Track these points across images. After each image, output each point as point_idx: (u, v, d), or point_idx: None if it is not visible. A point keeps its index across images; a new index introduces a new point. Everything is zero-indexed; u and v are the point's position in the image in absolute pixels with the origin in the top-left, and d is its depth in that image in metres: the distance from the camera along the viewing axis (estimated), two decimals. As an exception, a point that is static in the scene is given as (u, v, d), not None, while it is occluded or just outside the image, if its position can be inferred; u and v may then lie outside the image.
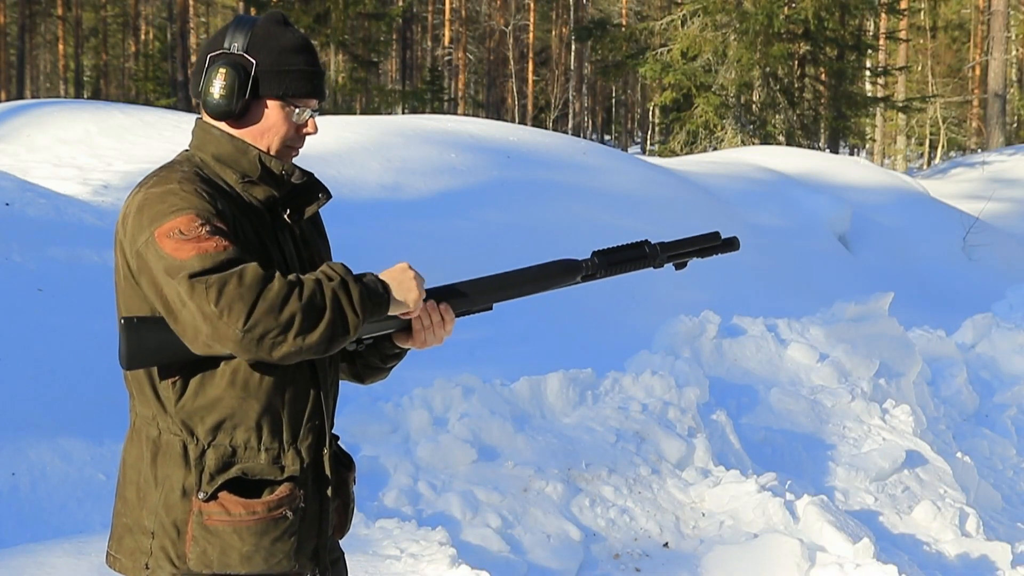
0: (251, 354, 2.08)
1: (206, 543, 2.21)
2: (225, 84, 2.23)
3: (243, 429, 2.23)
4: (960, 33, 39.41)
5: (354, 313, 2.14)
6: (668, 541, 5.06)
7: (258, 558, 2.23)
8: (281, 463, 2.26)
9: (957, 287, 12.34)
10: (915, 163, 37.31)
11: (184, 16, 35.35)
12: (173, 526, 2.22)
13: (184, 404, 2.21)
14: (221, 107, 2.25)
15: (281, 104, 2.29)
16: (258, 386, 2.22)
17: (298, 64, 2.29)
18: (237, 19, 2.33)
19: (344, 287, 2.14)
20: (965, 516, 5.60)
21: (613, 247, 2.50)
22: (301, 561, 2.29)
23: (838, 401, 6.36)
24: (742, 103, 20.98)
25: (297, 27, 2.35)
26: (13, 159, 9.54)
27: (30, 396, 5.04)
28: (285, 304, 2.07)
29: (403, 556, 4.27)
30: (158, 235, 2.10)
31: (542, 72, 44.64)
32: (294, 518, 2.25)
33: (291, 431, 2.27)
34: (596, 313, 8.62)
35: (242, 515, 2.21)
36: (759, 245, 11.03)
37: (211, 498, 2.21)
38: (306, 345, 2.09)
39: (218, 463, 2.22)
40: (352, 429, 5.33)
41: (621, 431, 5.50)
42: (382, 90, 27.59)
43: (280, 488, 2.25)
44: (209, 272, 2.06)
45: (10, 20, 36.69)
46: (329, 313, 2.11)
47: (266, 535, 2.23)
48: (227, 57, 2.25)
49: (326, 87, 2.38)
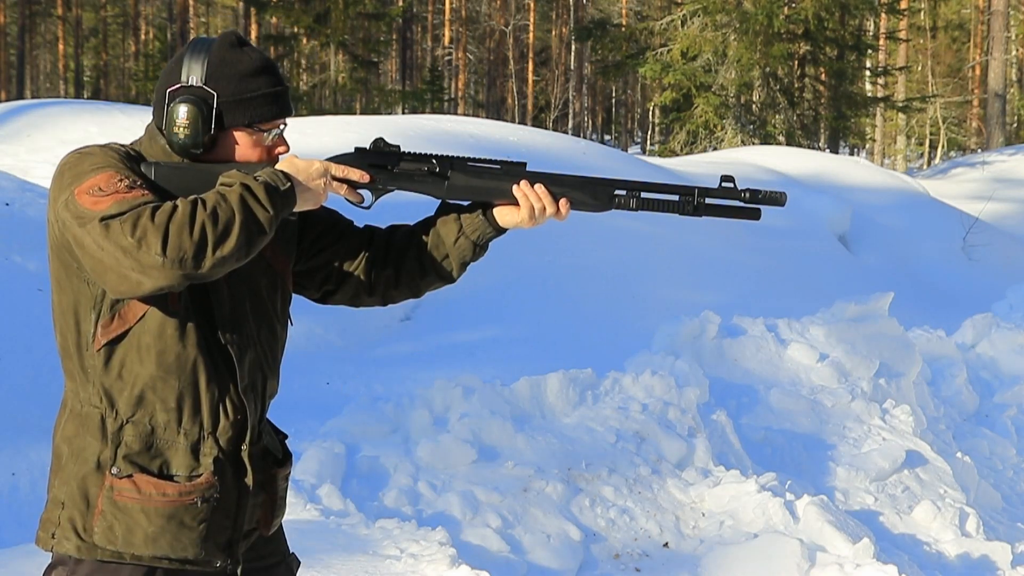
0: (178, 276, 2.06)
1: (113, 519, 2.21)
2: (190, 123, 2.21)
3: (162, 409, 2.22)
4: (960, 33, 39.41)
5: (264, 209, 2.12)
6: (668, 541, 5.06)
7: (163, 541, 2.22)
8: (199, 450, 2.25)
9: (957, 287, 12.33)
10: (915, 163, 37.31)
11: (184, 16, 35.35)
12: (84, 498, 2.23)
13: (108, 374, 2.22)
14: (187, 146, 2.23)
15: (249, 132, 2.27)
16: (176, 364, 2.22)
17: (260, 88, 2.26)
18: (191, 46, 2.28)
19: (246, 188, 2.12)
20: (965, 516, 5.60)
21: (656, 184, 2.45)
22: (209, 550, 2.27)
23: (838, 401, 6.36)
24: (742, 103, 20.97)
25: (254, 44, 2.34)
26: (13, 159, 9.55)
27: (30, 396, 5.04)
28: (194, 219, 2.06)
29: (403, 556, 4.27)
30: (77, 193, 2.10)
31: (542, 72, 44.64)
32: (205, 506, 2.24)
33: (212, 420, 2.26)
34: (596, 313, 8.62)
35: (152, 495, 2.21)
36: (759, 245, 11.03)
37: (125, 475, 2.21)
38: (227, 251, 2.08)
39: (137, 440, 2.22)
40: (352, 429, 5.34)
41: (621, 431, 5.50)
42: (382, 90, 27.59)
43: (195, 475, 2.25)
44: (123, 214, 2.06)
45: (10, 20, 36.69)
46: (240, 215, 2.09)
47: (174, 519, 2.22)
48: (187, 92, 2.23)
49: (291, 101, 2.34)
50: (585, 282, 8.99)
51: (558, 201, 2.38)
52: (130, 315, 2.20)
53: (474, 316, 8.14)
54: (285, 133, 2.35)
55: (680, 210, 2.44)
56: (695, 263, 9.98)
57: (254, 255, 2.17)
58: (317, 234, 2.47)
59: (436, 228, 2.44)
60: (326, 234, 2.48)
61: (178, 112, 2.21)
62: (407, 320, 8.10)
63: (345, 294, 2.52)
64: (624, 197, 2.42)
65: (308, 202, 2.26)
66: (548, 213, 2.37)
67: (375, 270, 2.48)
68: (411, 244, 2.46)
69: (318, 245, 2.47)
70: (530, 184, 2.36)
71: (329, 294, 2.53)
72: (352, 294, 2.52)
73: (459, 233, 2.41)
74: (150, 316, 2.20)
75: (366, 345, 7.53)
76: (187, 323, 2.22)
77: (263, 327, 2.35)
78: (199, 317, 2.24)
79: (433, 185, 2.38)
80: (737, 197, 2.42)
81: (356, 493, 4.86)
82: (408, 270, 2.47)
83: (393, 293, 2.51)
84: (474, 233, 2.41)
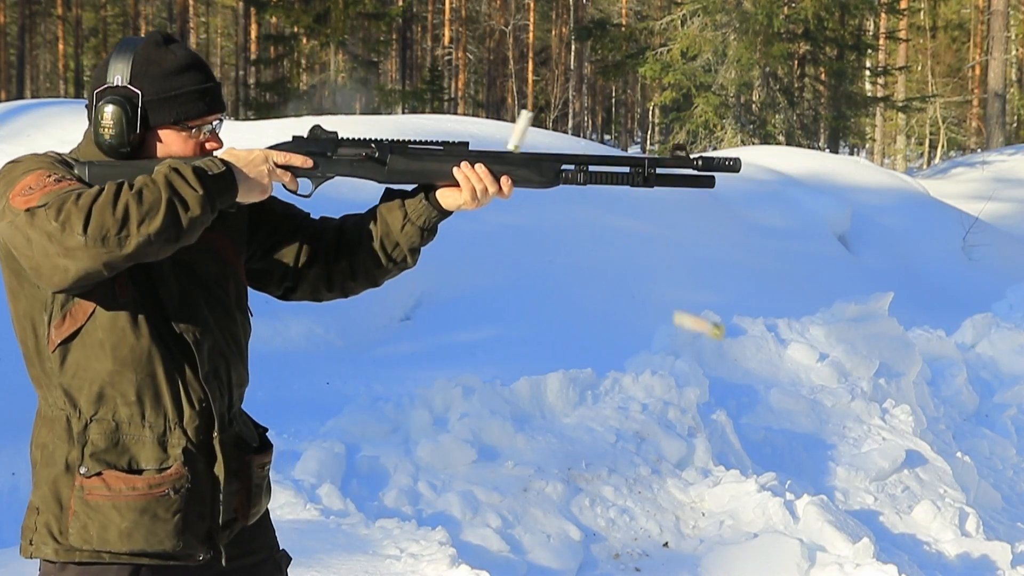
0: (103, 257, 2.03)
1: (87, 518, 2.21)
2: (114, 123, 2.20)
3: (124, 404, 2.22)
4: (960, 33, 39.39)
5: (191, 188, 2.08)
6: (668, 541, 5.06)
7: (138, 535, 2.21)
8: (167, 441, 2.25)
9: (957, 287, 12.33)
10: (915, 163, 37.30)
11: (184, 16, 35.34)
12: (56, 501, 2.23)
13: (65, 374, 2.22)
14: (114, 146, 2.22)
15: (177, 130, 2.25)
16: (131, 357, 2.21)
17: (186, 85, 2.24)
18: (118, 46, 2.27)
19: (173, 169, 2.10)
20: (965, 516, 5.60)
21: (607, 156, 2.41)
22: (188, 542, 2.27)
23: (838, 401, 6.36)
24: (742, 103, 20.97)
25: (182, 43, 2.30)
26: (13, 159, 9.54)
27: (30, 396, 5.03)
28: (117, 199, 2.04)
29: (403, 556, 4.27)
30: (11, 197, 2.09)
31: (542, 72, 44.63)
32: (177, 497, 2.24)
33: (175, 410, 2.25)
34: (596, 313, 8.62)
35: (122, 490, 2.21)
36: (759, 245, 11.03)
37: (93, 473, 2.21)
38: (153, 231, 2.04)
39: (103, 438, 2.22)
40: (352, 429, 5.34)
41: (621, 431, 5.50)
42: (382, 90, 27.57)
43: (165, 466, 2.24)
44: (49, 203, 2.05)
45: (10, 20, 36.68)
46: (165, 192, 2.06)
47: (146, 512, 2.21)
48: (112, 92, 2.22)
49: (223, 98, 2.33)
50: (585, 282, 8.99)
51: (499, 180, 2.35)
52: (80, 313, 2.20)
53: (474, 316, 8.14)
54: (221, 131, 2.33)
55: (631, 182, 2.41)
56: (695, 263, 9.98)
57: (191, 240, 2.14)
58: (272, 227, 2.46)
59: (383, 216, 2.42)
60: (281, 227, 2.47)
61: (103, 113, 2.21)
62: (407, 320, 8.10)
63: (305, 290, 2.51)
64: (572, 172, 2.39)
65: (254, 191, 2.24)
66: (491, 192, 2.35)
67: (331, 264, 2.47)
68: (362, 235, 2.45)
69: (274, 239, 2.46)
70: (470, 165, 2.34)
71: (290, 291, 2.52)
72: (312, 289, 2.51)
73: (404, 220, 2.40)
74: (100, 312, 2.19)
75: (366, 345, 7.53)
76: (138, 315, 2.21)
77: (219, 315, 2.33)
78: (150, 308, 2.23)
79: (373, 170, 2.36)
80: (690, 165, 2.40)
81: (356, 493, 4.86)
82: (362, 261, 2.46)
83: (351, 285, 2.51)
84: (419, 219, 2.39)
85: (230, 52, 46.08)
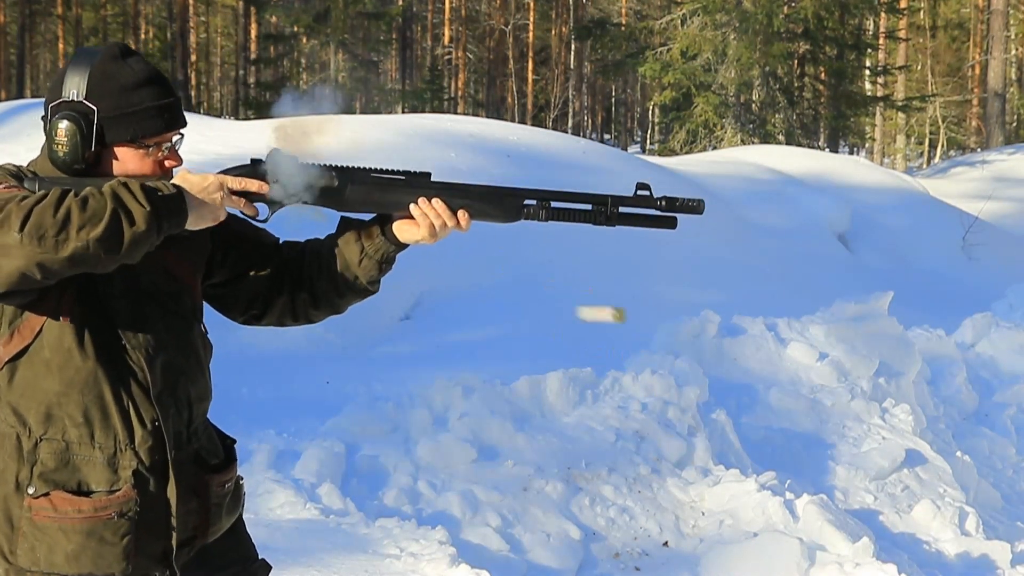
0: (37, 257, 1.97)
1: (34, 539, 2.17)
2: (67, 139, 2.14)
3: (72, 425, 2.18)
4: (960, 32, 39.39)
5: (138, 203, 2.02)
6: (668, 540, 5.06)
7: (85, 558, 2.18)
8: (117, 463, 2.21)
9: (957, 287, 12.33)
10: (915, 162, 37.30)
11: (184, 16, 35.34)
12: (7, 521, 2.20)
13: (13, 392, 2.18)
14: (68, 163, 2.16)
15: (133, 147, 2.19)
16: (78, 377, 2.17)
17: (144, 101, 2.18)
18: (74, 57, 2.20)
19: (122, 184, 2.05)
20: (965, 515, 5.60)
21: (567, 192, 2.38)
22: (140, 564, 2.23)
23: (838, 400, 6.36)
24: (742, 102, 20.97)
25: (140, 56, 2.24)
26: (13, 159, 9.53)
27: None
28: (60, 203, 1.99)
29: (403, 555, 4.27)
30: None
31: (542, 71, 44.62)
32: (124, 521, 2.20)
33: (126, 431, 2.21)
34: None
35: (68, 512, 2.17)
36: (759, 245, 11.03)
37: (41, 494, 2.17)
38: (93, 238, 1.98)
39: (53, 458, 2.18)
40: (352, 428, 5.34)
41: (621, 430, 5.51)
42: (382, 89, 27.59)
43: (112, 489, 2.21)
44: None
45: (10, 20, 36.67)
46: (111, 203, 2.01)
47: (93, 535, 2.18)
48: (67, 107, 2.16)
49: (183, 113, 2.28)
50: (585, 282, 8.99)
51: (456, 214, 2.31)
52: (27, 331, 2.16)
53: (474, 316, 8.14)
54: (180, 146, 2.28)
55: (593, 220, 2.37)
56: (695, 263, 9.98)
57: (134, 257, 2.08)
58: (242, 253, 2.41)
59: (340, 249, 2.38)
60: (253, 254, 2.42)
61: (57, 128, 2.15)
62: (407, 320, 8.10)
63: (270, 318, 2.47)
64: (534, 208, 2.35)
65: (206, 217, 2.17)
66: (449, 227, 2.32)
67: (294, 294, 2.43)
68: (321, 268, 2.40)
69: (244, 265, 2.42)
70: (427, 200, 2.29)
71: (255, 318, 2.48)
72: (277, 317, 2.47)
73: (361, 254, 2.36)
74: (47, 330, 2.16)
75: (366, 345, 7.53)
76: (84, 334, 2.17)
77: (175, 330, 2.29)
78: (97, 327, 2.18)
79: (331, 199, 2.28)
80: (653, 206, 2.36)
81: (356, 492, 4.86)
82: (323, 292, 2.42)
83: (314, 313, 2.47)
84: (376, 253, 2.35)
85: (230, 52, 46.07)
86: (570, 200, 2.37)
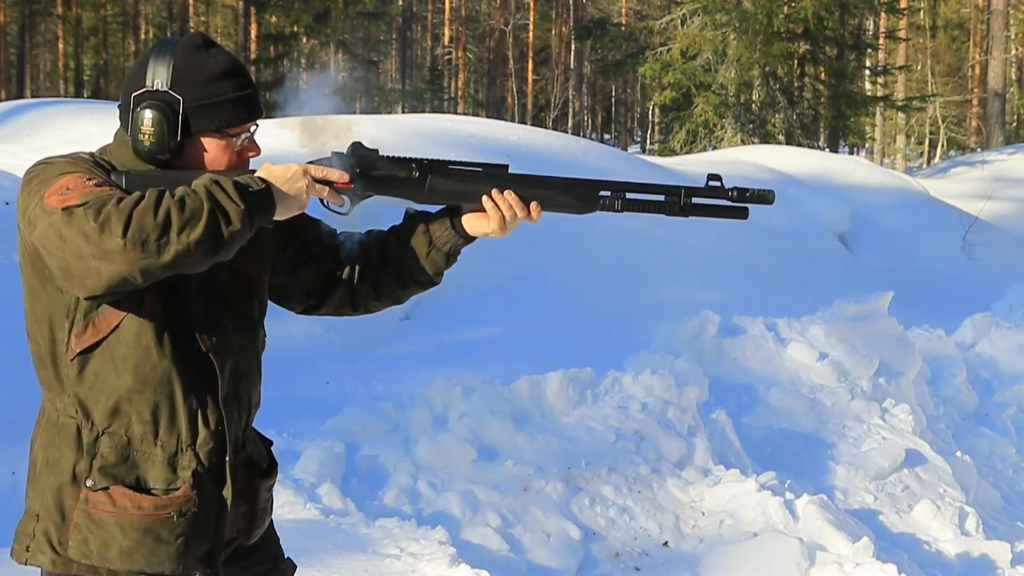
0: (140, 263, 1.97)
1: (88, 532, 2.16)
2: (154, 129, 2.14)
3: (138, 421, 2.18)
4: (960, 32, 39.40)
5: (233, 202, 2.03)
6: (668, 540, 5.06)
7: (139, 555, 2.17)
8: (176, 462, 2.21)
9: (957, 286, 12.33)
10: (915, 162, 37.31)
11: (184, 16, 35.33)
12: (59, 511, 2.19)
13: (82, 384, 2.17)
14: (153, 152, 2.16)
15: (217, 137, 2.20)
16: (152, 376, 2.17)
17: (227, 92, 2.19)
18: (157, 47, 2.21)
19: (215, 182, 2.05)
20: (965, 515, 5.60)
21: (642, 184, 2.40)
22: (188, 563, 2.24)
23: (838, 400, 6.36)
24: (742, 102, 20.97)
25: (221, 47, 2.25)
26: (14, 159, 9.54)
27: (30, 396, 5.04)
28: (159, 205, 1.98)
29: (403, 555, 4.27)
30: (46, 196, 2.03)
31: (542, 71, 44.63)
32: (182, 521, 2.20)
33: (190, 432, 2.21)
34: (596, 313, 8.62)
35: (128, 508, 2.17)
36: (759, 245, 11.03)
37: (100, 487, 2.17)
38: (193, 240, 1.98)
39: (113, 452, 2.18)
40: (352, 428, 5.34)
41: (621, 430, 5.51)
42: (382, 89, 27.59)
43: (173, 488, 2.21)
44: (88, 203, 1.99)
45: (10, 20, 36.66)
46: (207, 203, 2.00)
47: (150, 533, 2.18)
48: (152, 97, 2.16)
49: (260, 104, 2.30)
50: (585, 282, 8.99)
51: (529, 206, 2.32)
52: (103, 325, 2.15)
53: (474, 316, 8.14)
54: (257, 135, 2.29)
55: (667, 210, 2.40)
56: (695, 263, 9.98)
57: (228, 255, 2.09)
58: (302, 243, 2.42)
59: (407, 241, 2.39)
60: (313, 243, 2.43)
61: (143, 118, 2.15)
62: (407, 320, 8.10)
63: (328, 308, 2.48)
64: (609, 198, 2.37)
65: (292, 207, 2.18)
66: (519, 219, 2.32)
67: (354, 285, 2.44)
68: (386, 260, 2.41)
69: (303, 256, 2.42)
70: (500, 192, 2.30)
71: (313, 307, 2.49)
72: (336, 308, 2.48)
73: (430, 247, 2.37)
74: (125, 326, 2.15)
75: (366, 345, 7.53)
76: (163, 333, 2.17)
77: (242, 336, 2.30)
78: (175, 327, 2.18)
79: (412, 189, 2.30)
80: (724, 196, 2.39)
81: (356, 492, 4.86)
82: (386, 284, 2.43)
83: (374, 304, 2.49)
84: (445, 245, 2.37)
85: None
86: (644, 191, 2.40)
